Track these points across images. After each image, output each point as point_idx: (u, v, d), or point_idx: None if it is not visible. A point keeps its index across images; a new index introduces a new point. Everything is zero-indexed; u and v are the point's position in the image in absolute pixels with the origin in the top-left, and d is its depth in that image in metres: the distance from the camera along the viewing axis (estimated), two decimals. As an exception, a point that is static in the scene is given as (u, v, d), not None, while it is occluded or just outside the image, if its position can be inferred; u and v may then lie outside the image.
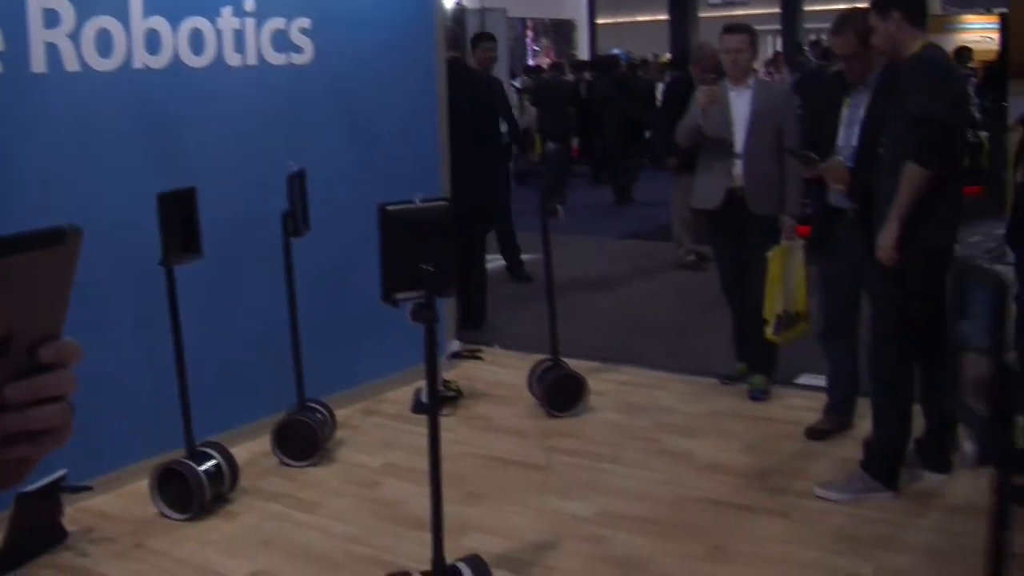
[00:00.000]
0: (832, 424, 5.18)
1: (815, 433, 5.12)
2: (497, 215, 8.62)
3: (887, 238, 4.21)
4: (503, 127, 8.57)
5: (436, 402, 3.47)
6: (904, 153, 4.17)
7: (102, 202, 4.54)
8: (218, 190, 4.89)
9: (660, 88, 14.24)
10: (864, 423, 4.97)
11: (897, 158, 4.23)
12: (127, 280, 4.57)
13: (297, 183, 4.76)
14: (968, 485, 4.56)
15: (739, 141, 5.52)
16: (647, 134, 13.91)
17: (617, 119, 14.16)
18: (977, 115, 12.08)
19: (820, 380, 5.34)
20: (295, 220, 4.78)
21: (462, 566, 3.44)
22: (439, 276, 3.33)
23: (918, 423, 4.61)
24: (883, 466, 4.44)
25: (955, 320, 1.66)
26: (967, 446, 4.51)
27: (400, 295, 3.34)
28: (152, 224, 4.16)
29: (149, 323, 4.56)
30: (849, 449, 4.91)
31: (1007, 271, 4.48)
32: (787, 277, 5.29)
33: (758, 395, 5.76)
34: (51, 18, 4.38)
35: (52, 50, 4.39)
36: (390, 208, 3.48)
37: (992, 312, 1.61)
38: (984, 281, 1.61)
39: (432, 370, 3.39)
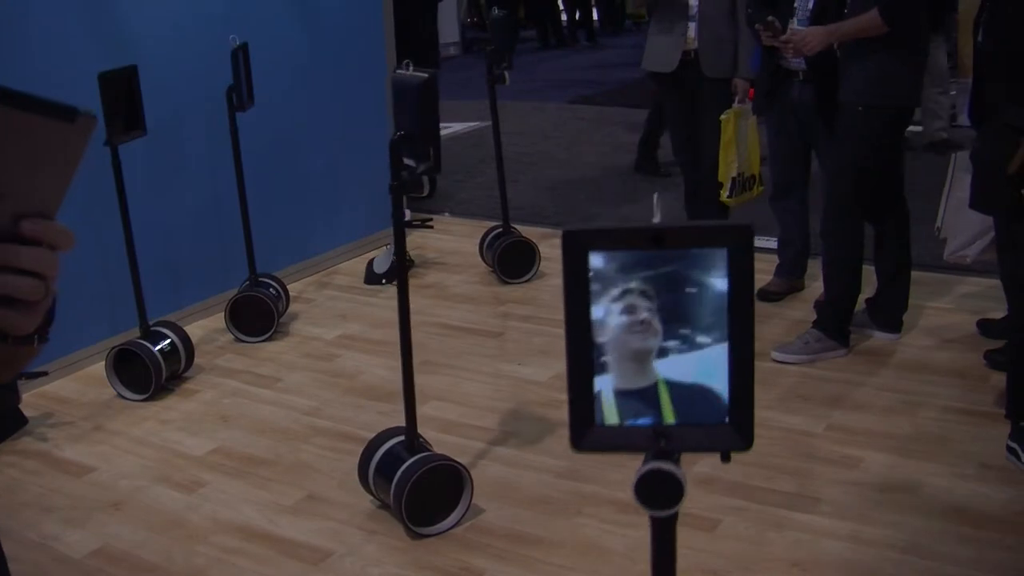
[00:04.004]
0: (783, 286, 5.24)
1: (767, 295, 5.18)
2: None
3: (815, 39, 4.30)
4: None
5: (404, 271, 3.45)
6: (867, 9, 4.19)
7: (42, 82, 4.42)
8: (160, 66, 4.79)
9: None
10: (816, 284, 5.04)
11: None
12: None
13: (240, 57, 4.65)
14: (917, 343, 4.65)
15: (694, 2, 5.44)
16: None
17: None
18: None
19: (771, 242, 5.38)
20: (239, 94, 4.69)
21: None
22: (414, 145, 3.29)
23: (870, 283, 4.67)
24: (835, 323, 4.52)
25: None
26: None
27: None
28: (94, 103, 4.06)
29: (96, 203, 4.49)
30: (801, 310, 4.98)
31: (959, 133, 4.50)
32: (740, 140, 5.27)
33: (710, 257, 5.78)
34: None
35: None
36: (396, 72, 3.45)
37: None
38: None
39: (400, 238, 3.37)
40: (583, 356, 1.24)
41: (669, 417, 1.23)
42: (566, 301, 1.22)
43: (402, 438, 3.46)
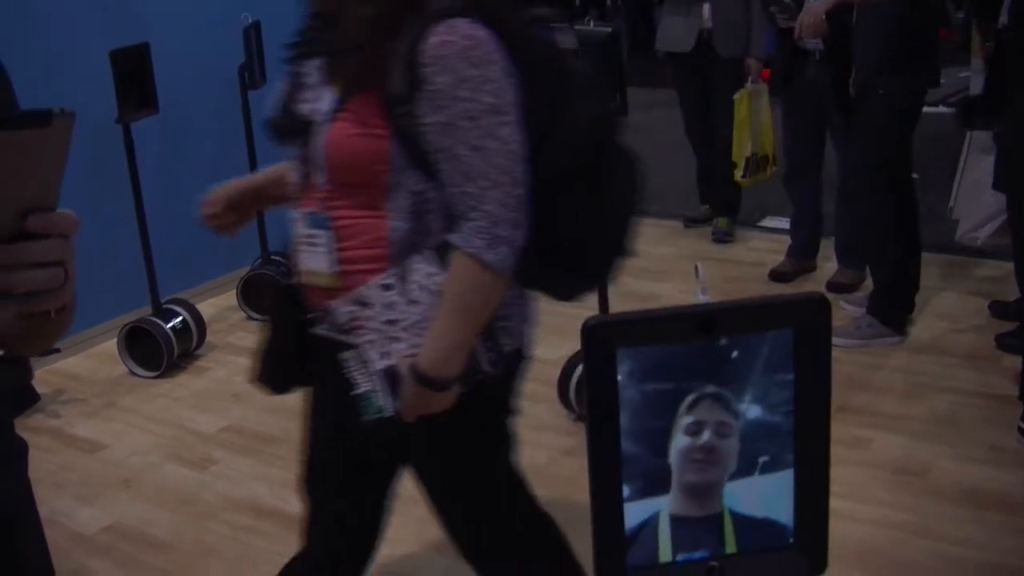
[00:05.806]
0: (795, 266, 5.22)
1: (778, 275, 5.15)
2: None
3: (821, 7, 4.25)
4: None
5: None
6: None
7: (54, 60, 4.41)
8: (173, 44, 4.77)
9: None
10: (827, 265, 5.03)
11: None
12: (83, 139, 4.47)
13: (253, 34, 4.64)
14: (929, 326, 4.63)
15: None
16: None
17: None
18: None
19: (784, 223, 5.35)
20: (252, 72, 4.68)
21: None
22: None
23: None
24: (885, 307, 4.45)
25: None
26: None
27: None
28: (106, 81, 4.06)
29: (108, 181, 4.49)
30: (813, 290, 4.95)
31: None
32: (754, 120, 5.25)
33: (722, 237, 5.79)
34: None
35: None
36: (577, 27, 3.69)
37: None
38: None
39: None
40: (610, 476, 0.96)
41: (731, 547, 0.99)
42: (589, 413, 0.94)
43: None
